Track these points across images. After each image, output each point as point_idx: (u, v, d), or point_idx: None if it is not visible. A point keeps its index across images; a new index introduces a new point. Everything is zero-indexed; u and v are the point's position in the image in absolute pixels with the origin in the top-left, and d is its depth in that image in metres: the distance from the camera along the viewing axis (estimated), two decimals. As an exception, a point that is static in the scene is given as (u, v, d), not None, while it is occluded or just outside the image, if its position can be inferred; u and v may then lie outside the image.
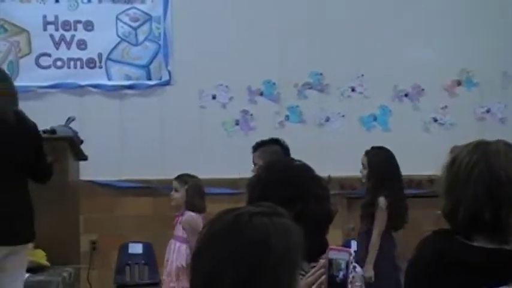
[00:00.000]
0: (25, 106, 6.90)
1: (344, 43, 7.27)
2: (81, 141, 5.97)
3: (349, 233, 7.03)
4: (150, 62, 7.21)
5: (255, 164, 4.85)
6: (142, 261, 6.69)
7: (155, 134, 7.10)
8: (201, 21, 7.16)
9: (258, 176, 2.14)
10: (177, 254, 5.31)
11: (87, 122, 6.69)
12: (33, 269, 4.99)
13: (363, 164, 5.42)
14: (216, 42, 7.15)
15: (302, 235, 1.46)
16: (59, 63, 7.12)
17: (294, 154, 2.55)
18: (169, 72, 7.19)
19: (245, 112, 7.26)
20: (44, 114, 6.45)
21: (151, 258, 6.70)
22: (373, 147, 5.52)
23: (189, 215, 5.44)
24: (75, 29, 7.15)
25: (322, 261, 1.73)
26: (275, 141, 4.93)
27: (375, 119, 7.38)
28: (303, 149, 6.54)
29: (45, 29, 7.12)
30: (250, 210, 1.45)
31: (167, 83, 7.20)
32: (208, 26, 7.16)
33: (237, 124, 7.25)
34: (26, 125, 4.27)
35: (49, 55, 7.12)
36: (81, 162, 6.04)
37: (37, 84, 7.08)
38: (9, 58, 7.10)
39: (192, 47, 7.13)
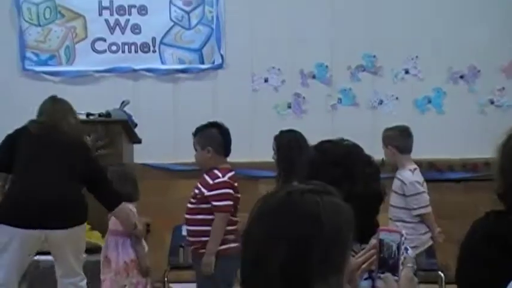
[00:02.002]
0: (81, 90, 7.08)
1: (398, 25, 7.18)
2: (135, 125, 6.07)
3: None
4: (203, 46, 7.24)
5: (195, 149, 4.93)
6: (196, 243, 6.74)
7: (208, 117, 7.07)
8: (253, 4, 7.15)
9: (307, 157, 2.14)
10: (122, 250, 4.88)
11: (141, 105, 6.78)
12: (90, 249, 5.11)
13: (273, 149, 5.23)
14: (268, 25, 7.14)
15: (353, 214, 1.45)
16: (113, 47, 7.21)
17: (347, 137, 2.52)
18: (222, 56, 7.21)
19: (297, 95, 7.24)
20: (99, 98, 6.58)
21: (205, 240, 6.75)
22: (281, 131, 5.25)
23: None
24: (130, 14, 7.22)
25: (373, 241, 1.72)
26: (213, 125, 4.97)
27: (430, 101, 7.27)
28: (356, 132, 6.49)
29: (100, 14, 7.21)
30: (301, 187, 1.45)
31: (220, 66, 7.23)
32: (261, 9, 7.14)
33: (289, 107, 7.24)
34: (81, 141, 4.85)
35: (104, 40, 7.21)
36: (135, 145, 6.14)
37: (93, 69, 7.19)
38: (66, 43, 7.22)
39: (244, 31, 7.14)
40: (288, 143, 5.05)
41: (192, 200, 4.84)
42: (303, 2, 7.17)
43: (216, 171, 4.79)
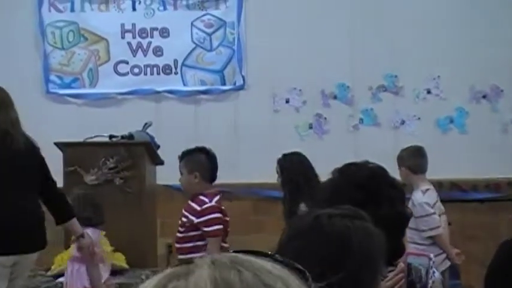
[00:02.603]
0: (104, 112, 7.14)
1: (419, 44, 7.18)
2: (158, 146, 6.08)
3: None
4: (224, 67, 7.29)
5: (181, 173, 4.88)
6: (218, 264, 6.74)
7: (229, 138, 7.17)
8: (274, 25, 7.19)
9: (331, 179, 2.14)
10: (77, 276, 4.70)
11: (163, 127, 6.81)
12: (113, 271, 5.11)
13: (277, 172, 5.30)
14: (289, 46, 7.17)
15: (384, 240, 1.45)
16: (136, 70, 7.28)
17: (369, 158, 2.51)
18: (243, 77, 7.25)
19: (319, 116, 7.25)
20: (122, 120, 6.63)
21: (227, 262, 6.75)
22: (284, 154, 5.32)
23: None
24: (152, 36, 7.29)
25: (401, 265, 1.72)
26: (201, 150, 4.94)
27: (452, 121, 7.25)
28: (378, 152, 6.50)
29: (123, 37, 7.29)
30: (329, 212, 1.45)
31: (241, 87, 7.26)
32: (281, 31, 7.18)
33: (310, 128, 7.25)
34: (34, 147, 4.39)
35: (127, 62, 7.28)
36: (158, 167, 6.15)
37: (115, 91, 7.25)
38: (89, 66, 7.30)
39: (265, 52, 7.17)
40: (292, 166, 5.08)
41: (181, 229, 4.78)
42: (324, 23, 7.20)
43: (201, 197, 4.73)
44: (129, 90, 7.24)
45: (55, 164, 5.54)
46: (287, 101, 7.25)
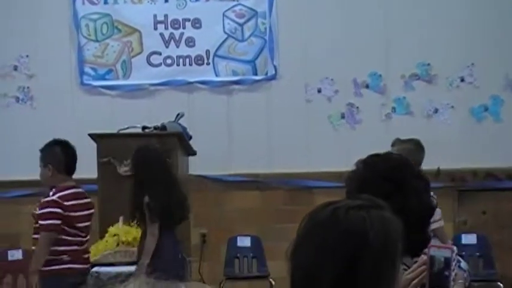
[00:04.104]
0: (137, 103, 7.21)
1: (452, 32, 7.10)
2: (190, 137, 6.13)
3: (460, 227, 6.88)
4: (256, 57, 7.30)
5: (40, 166, 4.84)
6: (251, 254, 6.79)
7: (262, 128, 7.19)
8: (305, 15, 7.17)
9: (355, 171, 2.14)
10: None
11: (195, 117, 6.86)
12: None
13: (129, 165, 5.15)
14: (321, 35, 7.15)
15: (401, 227, 1.45)
16: (168, 61, 7.33)
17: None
18: (275, 67, 7.25)
19: (351, 105, 7.22)
20: (155, 111, 6.69)
21: (260, 252, 6.79)
22: (139, 148, 5.09)
23: None
24: (184, 27, 7.33)
25: (423, 257, 1.72)
26: (57, 143, 4.88)
27: (486, 109, 7.16)
28: (411, 141, 6.47)
29: (155, 28, 7.33)
30: (348, 203, 1.46)
31: (273, 77, 7.27)
32: (313, 20, 7.16)
33: (342, 117, 7.22)
34: None
35: (159, 53, 7.33)
36: (191, 157, 6.21)
37: (148, 82, 7.31)
38: (123, 57, 7.37)
39: (297, 41, 7.17)
40: (139, 160, 4.95)
41: (35, 221, 4.79)
42: (356, 11, 7.16)
43: (52, 190, 4.73)
44: (162, 81, 7.29)
45: (89, 155, 5.64)
46: (319, 91, 7.24)
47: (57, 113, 7.15)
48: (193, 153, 6.14)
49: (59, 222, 4.61)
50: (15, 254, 6.53)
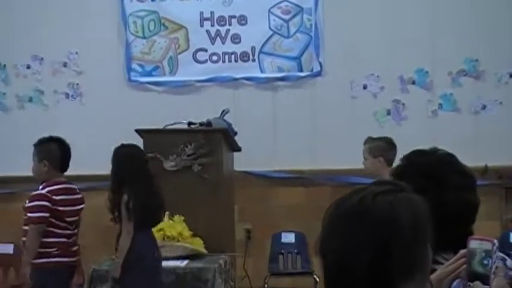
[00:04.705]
0: (183, 99, 7.28)
1: (500, 27, 6.99)
2: (235, 133, 6.16)
3: (507, 225, 6.78)
4: (302, 54, 7.30)
5: (33, 161, 4.91)
6: (295, 251, 6.80)
7: (307, 124, 7.19)
8: (351, 10, 7.14)
9: (397, 167, 2.15)
10: None
11: (241, 114, 6.89)
12: (192, 256, 5.24)
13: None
14: (367, 31, 7.11)
15: (427, 206, 1.45)
16: (214, 57, 7.38)
17: (448, 143, 2.50)
18: (320, 64, 7.24)
19: (397, 101, 7.17)
20: (200, 107, 6.74)
21: (304, 248, 6.80)
22: (120, 145, 5.00)
23: None
24: (230, 24, 7.37)
25: (462, 251, 1.71)
26: (53, 140, 4.93)
27: (536, 105, 7.03)
28: (458, 138, 6.41)
29: (201, 25, 7.39)
30: (373, 190, 1.45)
31: (318, 74, 7.26)
32: (359, 16, 7.13)
33: (388, 114, 7.18)
34: None
35: (205, 50, 7.39)
36: (235, 153, 6.24)
37: (194, 79, 7.37)
38: (169, 54, 7.45)
39: (342, 38, 7.14)
40: (119, 158, 4.92)
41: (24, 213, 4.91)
42: (402, 7, 7.10)
43: (42, 184, 4.85)
44: (208, 78, 7.35)
45: (136, 151, 5.71)
46: (365, 87, 7.21)
47: (105, 109, 7.27)
48: (238, 149, 6.17)
49: (47, 215, 4.75)
50: (6, 248, 6.76)
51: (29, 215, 4.77)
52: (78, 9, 7.36)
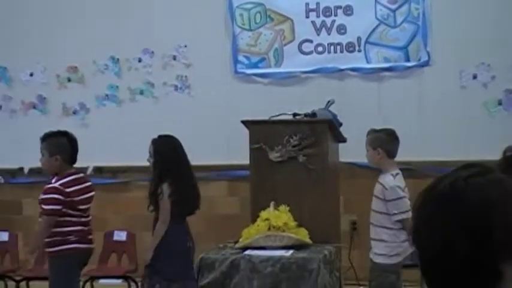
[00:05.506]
0: (288, 91, 7.33)
1: None
2: (341, 124, 6.14)
3: None
4: (409, 44, 7.18)
5: (42, 155, 5.04)
6: (401, 242, 6.70)
7: (414, 115, 7.07)
8: (460, -1, 6.96)
9: (500, 159, 2.10)
10: None
11: (346, 104, 6.86)
12: (297, 246, 5.27)
13: (150, 152, 5.23)
14: (476, 19, 6.91)
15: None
16: (319, 48, 7.38)
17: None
18: (428, 53, 7.10)
19: (509, 91, 6.93)
20: (305, 98, 6.77)
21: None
22: (160, 136, 5.30)
23: None
24: (335, 15, 7.34)
25: None
26: (62, 134, 5.06)
27: None
28: None
29: (307, 16, 7.40)
30: (461, 174, 1.42)
31: (426, 63, 7.12)
32: (468, 3, 6.93)
33: (499, 104, 6.95)
34: None
35: (311, 41, 7.40)
36: (341, 144, 6.22)
37: (300, 70, 7.40)
38: (275, 46, 7.50)
39: (451, 26, 6.97)
40: (164, 148, 5.25)
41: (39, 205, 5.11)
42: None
43: (55, 178, 5.02)
44: (313, 69, 7.35)
45: (242, 141, 5.81)
46: (475, 77, 7.01)
47: (212, 101, 7.42)
48: (344, 140, 6.15)
49: (59, 207, 4.98)
50: (1, 236, 7.05)
51: (43, 207, 5.05)
52: (186, 4, 7.54)
